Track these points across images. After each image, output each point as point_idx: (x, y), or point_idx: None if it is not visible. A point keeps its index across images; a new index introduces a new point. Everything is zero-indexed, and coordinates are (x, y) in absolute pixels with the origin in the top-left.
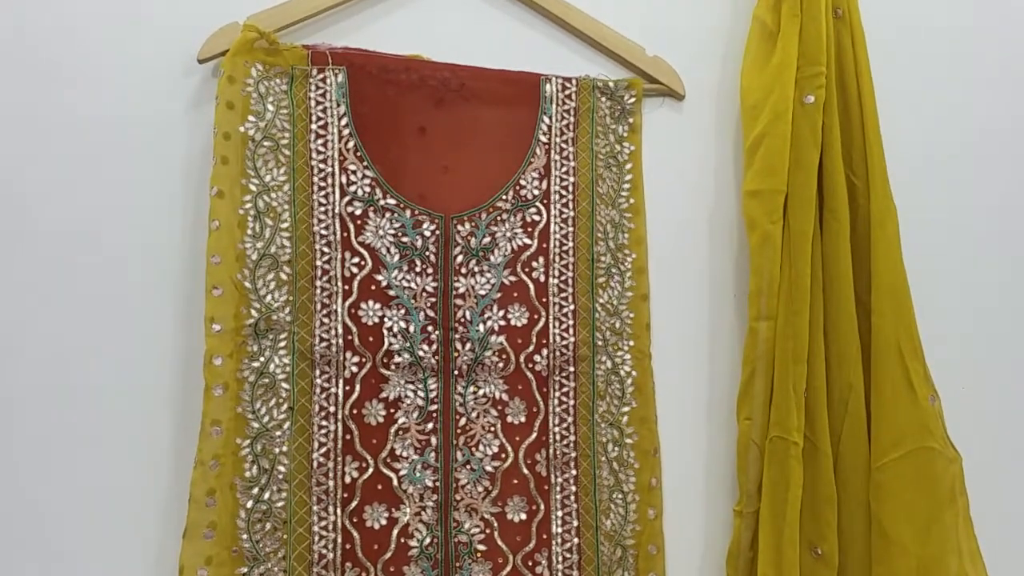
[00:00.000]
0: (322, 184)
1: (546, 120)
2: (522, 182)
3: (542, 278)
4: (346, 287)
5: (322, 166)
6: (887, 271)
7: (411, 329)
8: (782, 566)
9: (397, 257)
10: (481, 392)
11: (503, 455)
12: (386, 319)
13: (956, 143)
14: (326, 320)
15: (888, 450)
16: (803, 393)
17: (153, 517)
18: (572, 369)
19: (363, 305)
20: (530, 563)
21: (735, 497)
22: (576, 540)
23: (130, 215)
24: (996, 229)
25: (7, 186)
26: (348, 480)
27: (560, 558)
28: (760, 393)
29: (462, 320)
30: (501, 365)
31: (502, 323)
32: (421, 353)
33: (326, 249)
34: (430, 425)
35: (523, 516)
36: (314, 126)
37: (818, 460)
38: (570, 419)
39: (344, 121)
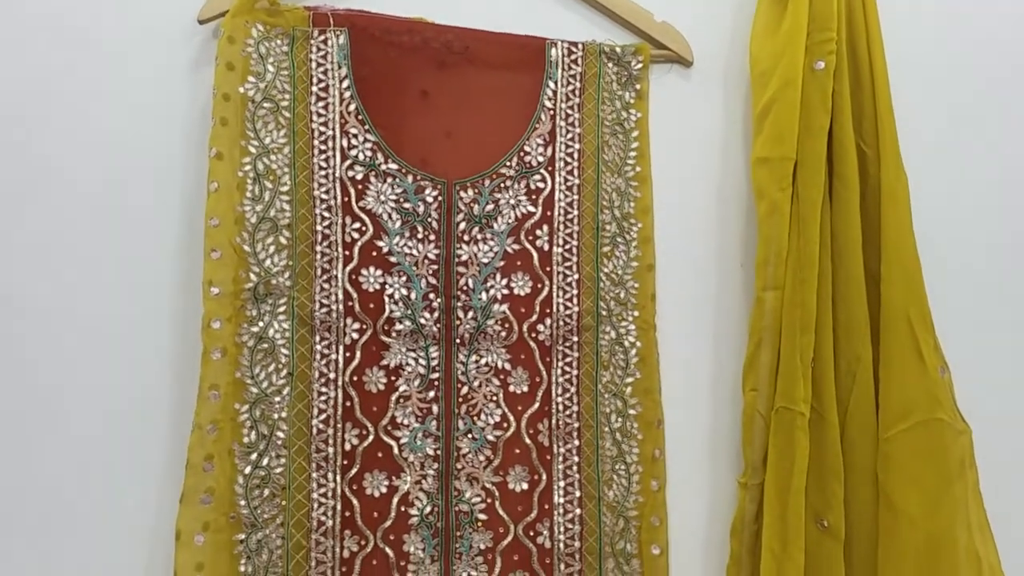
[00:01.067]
0: (323, 147)
1: (551, 85)
2: (526, 148)
3: (546, 247)
4: (347, 252)
5: (323, 129)
6: (897, 240)
7: (412, 296)
8: (787, 538)
9: (399, 223)
10: (483, 361)
11: (505, 424)
12: (387, 286)
13: (969, 110)
14: (326, 286)
15: (896, 421)
16: (810, 363)
17: (150, 482)
18: (576, 339)
19: (364, 271)
20: (531, 533)
21: (740, 469)
22: (578, 511)
23: (129, 176)
24: (1007, 199)
25: (5, 149)
26: (348, 447)
27: (562, 528)
28: (766, 364)
29: (464, 288)
30: (504, 334)
31: (505, 292)
32: (423, 321)
33: (326, 214)
34: (431, 393)
35: (525, 486)
36: (315, 88)
37: (825, 431)
38: (573, 389)
39: (345, 83)
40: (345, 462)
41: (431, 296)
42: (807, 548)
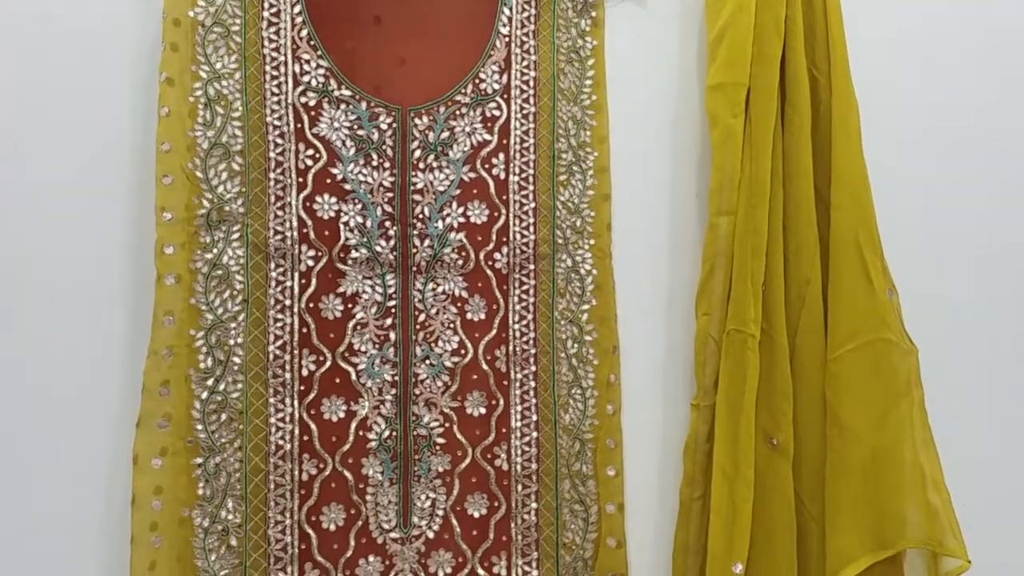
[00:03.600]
0: (274, 73)
1: (506, 12)
2: (481, 75)
3: (502, 175)
4: (300, 180)
5: (274, 55)
6: (847, 166)
7: (368, 224)
8: (738, 457)
9: (353, 150)
10: (440, 289)
11: (462, 351)
12: (342, 213)
13: (917, 33)
14: (280, 213)
15: (844, 341)
16: (761, 287)
17: (106, 408)
18: (532, 267)
19: (318, 198)
20: (489, 456)
21: (693, 392)
22: (535, 434)
23: (79, 103)
24: (957, 123)
25: None
26: (305, 373)
27: (519, 451)
28: (719, 288)
29: (420, 216)
30: (460, 262)
31: (461, 220)
32: (379, 249)
33: (279, 140)
34: (388, 321)
35: (482, 410)
36: (266, 13)
37: (774, 352)
38: (530, 316)
39: (297, 8)
40: (303, 388)
41: (387, 224)
42: (757, 466)
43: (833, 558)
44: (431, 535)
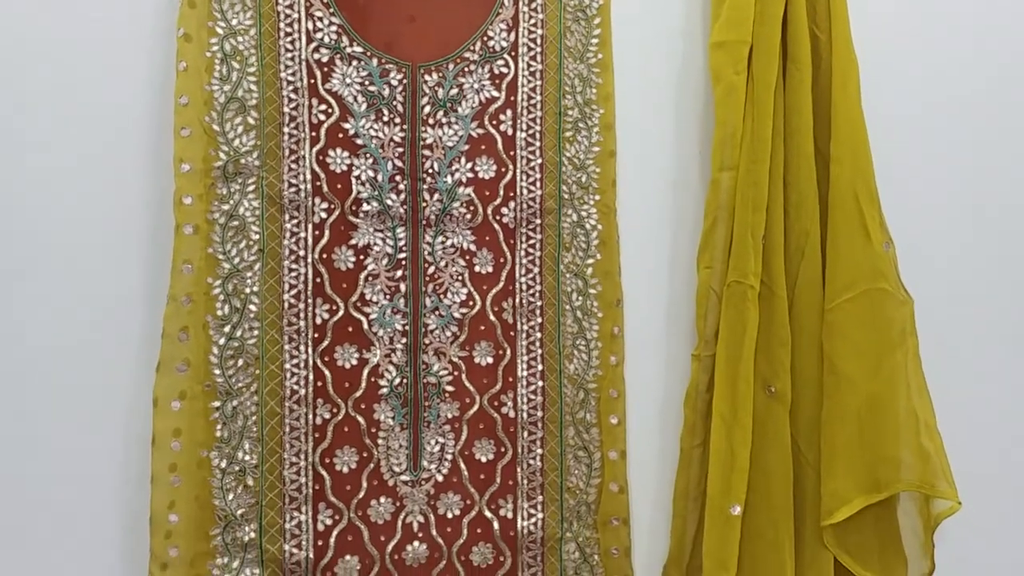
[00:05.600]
0: (288, 30)
1: None
2: (490, 33)
3: (510, 131)
4: (313, 134)
5: (288, 11)
6: (847, 122)
7: (379, 178)
8: (737, 404)
9: (364, 106)
10: (449, 242)
11: (471, 302)
12: (354, 167)
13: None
14: (294, 166)
15: (841, 291)
16: (761, 240)
17: (128, 353)
18: (539, 222)
19: (331, 152)
20: (496, 403)
21: (694, 344)
22: (540, 383)
23: (102, 57)
24: (956, 82)
25: None
26: (319, 321)
27: (525, 399)
28: (720, 242)
29: (430, 171)
30: (469, 216)
31: (470, 175)
32: (389, 202)
33: (293, 95)
34: (399, 272)
35: (490, 360)
36: None
37: (773, 303)
38: (536, 270)
39: None
40: (316, 335)
41: (397, 178)
42: (755, 413)
43: (828, 500)
44: (440, 478)
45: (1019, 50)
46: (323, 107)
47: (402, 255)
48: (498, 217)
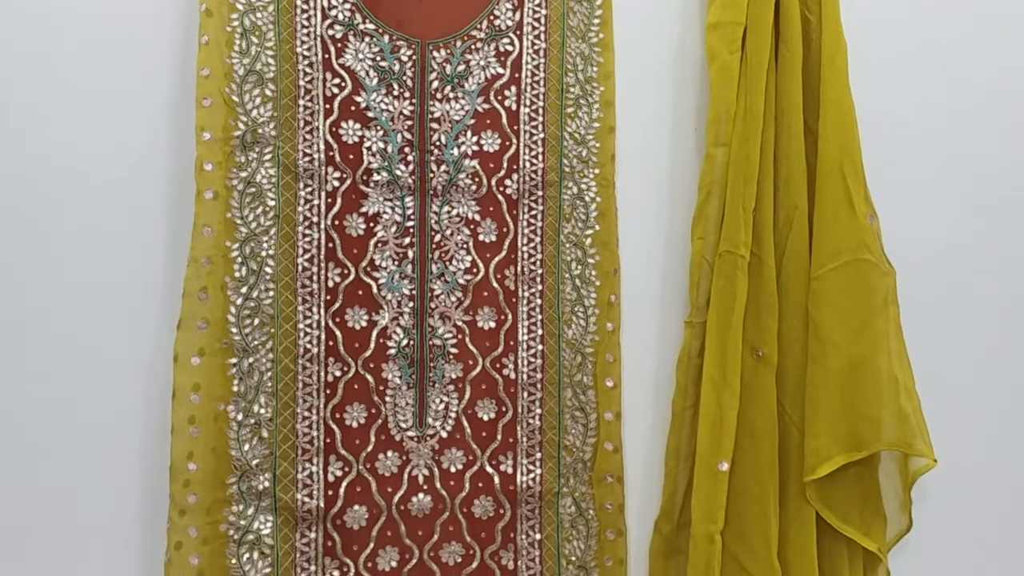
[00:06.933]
0: (304, 7)
1: None
2: (496, 12)
3: (514, 106)
4: (327, 106)
5: None
6: (835, 100)
7: (389, 149)
8: (726, 367)
9: (376, 80)
10: (455, 212)
11: (475, 270)
12: (365, 139)
13: None
14: (308, 136)
15: (827, 261)
16: (752, 212)
17: (150, 311)
18: (540, 193)
19: (343, 124)
20: (498, 365)
21: (687, 311)
22: (540, 347)
23: (126, 30)
24: (941, 58)
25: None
26: (331, 284)
27: (525, 362)
28: (714, 214)
29: (437, 143)
30: (474, 187)
31: (475, 148)
32: (398, 172)
33: (308, 69)
34: (407, 240)
35: (492, 324)
36: None
37: (762, 272)
38: (537, 239)
39: None
40: (328, 297)
41: (406, 150)
42: (743, 376)
43: (811, 457)
44: (444, 435)
45: (1001, 18)
46: (337, 81)
47: (410, 223)
48: (502, 188)
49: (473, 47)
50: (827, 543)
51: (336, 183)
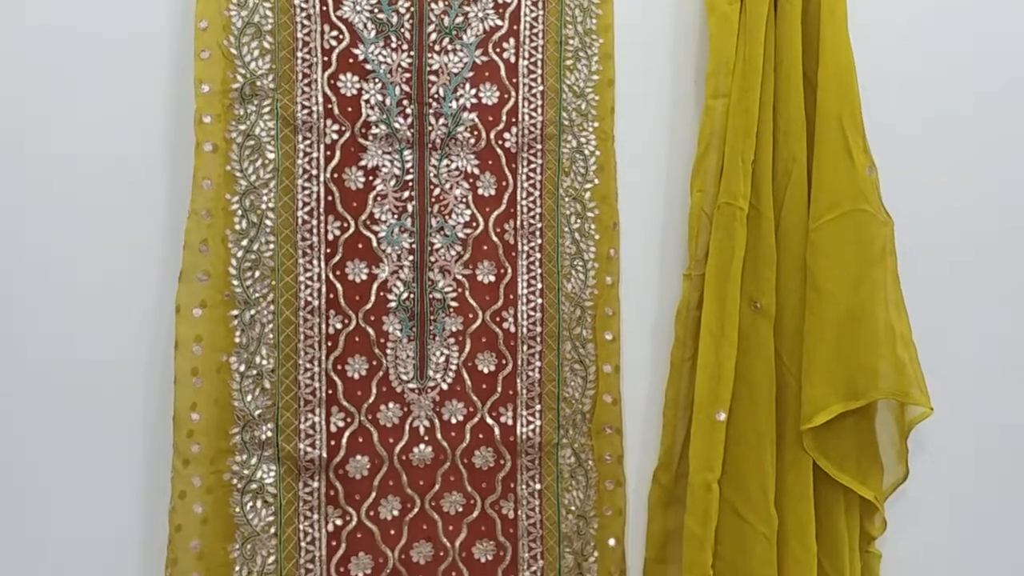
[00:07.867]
0: None
1: None
2: None
3: (512, 59)
4: (325, 59)
5: None
6: (834, 51)
7: (387, 102)
8: (724, 318)
9: (374, 32)
10: (454, 165)
11: (474, 224)
12: (364, 91)
13: None
14: (307, 89)
15: (824, 212)
16: (751, 164)
17: (151, 263)
18: (540, 147)
19: (342, 77)
20: (498, 319)
21: (685, 264)
22: (540, 300)
23: None
24: (943, 9)
25: None
26: (331, 237)
27: (525, 315)
28: (713, 166)
29: (436, 96)
30: (473, 141)
31: (474, 101)
32: (397, 125)
33: (306, 21)
34: (406, 193)
35: (492, 278)
36: None
37: (761, 224)
38: (537, 193)
39: None
40: (328, 250)
41: (404, 103)
42: (741, 327)
43: (807, 406)
44: (445, 387)
45: None
46: (334, 33)
47: (409, 177)
48: (500, 142)
49: None
50: (824, 491)
51: (335, 136)
